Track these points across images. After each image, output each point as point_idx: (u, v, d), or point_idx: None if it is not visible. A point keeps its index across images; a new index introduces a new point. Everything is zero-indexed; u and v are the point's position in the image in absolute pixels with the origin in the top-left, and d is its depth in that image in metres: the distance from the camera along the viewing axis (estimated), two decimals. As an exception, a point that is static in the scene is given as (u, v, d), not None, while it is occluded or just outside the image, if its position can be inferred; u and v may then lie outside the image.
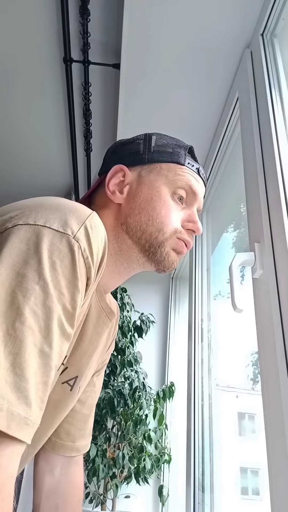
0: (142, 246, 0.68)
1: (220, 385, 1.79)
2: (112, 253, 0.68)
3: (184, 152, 0.73)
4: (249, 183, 1.14)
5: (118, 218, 0.69)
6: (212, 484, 1.55)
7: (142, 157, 0.71)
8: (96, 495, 2.04)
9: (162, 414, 2.30)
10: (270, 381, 0.81)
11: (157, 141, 0.73)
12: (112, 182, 0.70)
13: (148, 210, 0.67)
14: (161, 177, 0.70)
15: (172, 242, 0.68)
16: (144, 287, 2.93)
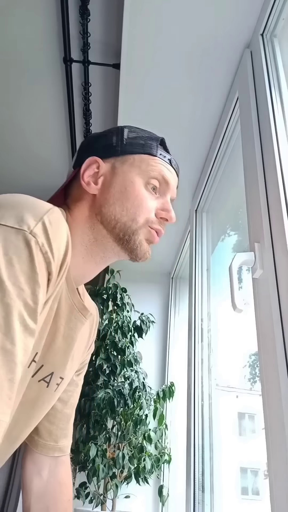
0: (117, 235, 0.70)
1: (220, 385, 1.79)
2: (87, 244, 0.70)
3: (156, 143, 0.76)
4: (249, 183, 1.14)
5: (93, 209, 0.71)
6: (212, 484, 1.55)
7: (115, 149, 0.73)
8: (96, 495, 2.04)
9: (162, 414, 2.30)
10: (270, 381, 0.81)
11: (129, 133, 0.75)
12: (87, 174, 0.72)
13: (122, 200, 0.70)
14: (134, 168, 0.72)
15: (144, 231, 0.71)
16: (144, 287, 2.93)
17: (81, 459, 2.02)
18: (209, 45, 1.44)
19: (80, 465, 2.04)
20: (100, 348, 2.29)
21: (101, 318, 2.43)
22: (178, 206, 2.39)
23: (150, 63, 1.53)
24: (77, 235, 0.70)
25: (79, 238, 0.70)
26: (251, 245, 0.98)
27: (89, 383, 2.26)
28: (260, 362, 0.87)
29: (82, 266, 0.70)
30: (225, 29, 1.38)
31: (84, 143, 0.80)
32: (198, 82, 1.58)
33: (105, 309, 2.49)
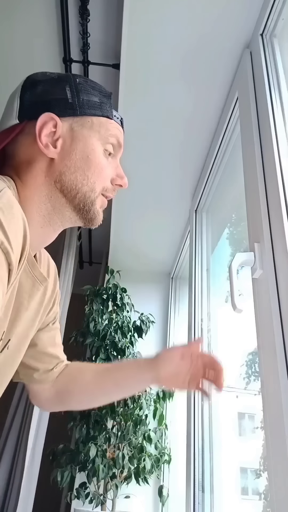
0: (76, 205, 0.67)
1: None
2: (45, 214, 0.66)
3: (109, 102, 0.73)
4: (249, 183, 1.14)
5: (50, 175, 0.66)
6: (212, 484, 1.55)
7: (72, 108, 0.67)
8: (96, 495, 2.04)
9: (162, 414, 2.30)
10: (270, 381, 0.81)
11: (82, 87, 0.69)
12: (44, 133, 0.65)
13: (84, 169, 0.67)
14: (94, 133, 0.69)
15: (100, 200, 0.70)
16: (144, 287, 2.93)
17: (81, 459, 2.02)
18: (208, 45, 1.44)
19: (80, 465, 2.04)
20: (100, 348, 2.29)
21: (101, 318, 2.43)
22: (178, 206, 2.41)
23: (150, 63, 1.53)
24: (33, 204, 0.65)
25: (35, 207, 0.65)
26: (250, 245, 0.98)
27: (89, 383, 2.26)
28: (259, 361, 0.87)
29: (40, 235, 0.68)
30: (225, 29, 1.38)
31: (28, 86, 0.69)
32: (198, 82, 1.58)
33: (105, 309, 2.49)
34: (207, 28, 1.40)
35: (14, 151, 0.68)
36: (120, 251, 2.80)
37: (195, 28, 1.40)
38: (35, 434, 2.14)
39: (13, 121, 0.66)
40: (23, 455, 2.05)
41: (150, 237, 2.58)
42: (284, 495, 0.69)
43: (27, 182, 0.65)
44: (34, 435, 2.13)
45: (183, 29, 1.41)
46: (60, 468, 2.03)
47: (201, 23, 1.39)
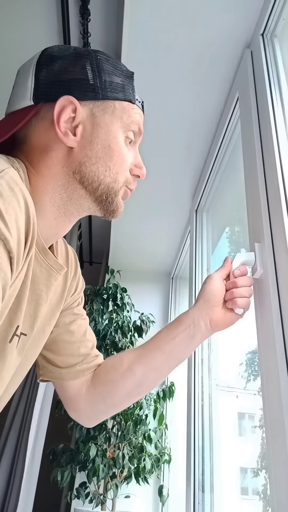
0: (98, 197, 0.63)
1: (220, 385, 1.79)
2: (60, 204, 0.62)
3: (131, 83, 0.66)
4: (249, 183, 1.14)
5: (68, 165, 0.61)
6: (212, 484, 1.55)
7: (94, 90, 0.61)
8: (96, 495, 2.04)
9: (162, 414, 2.31)
10: (270, 380, 0.81)
11: (104, 66, 0.62)
12: (63, 119, 0.59)
13: (105, 159, 0.62)
14: (116, 120, 0.63)
15: (123, 191, 0.66)
16: (144, 287, 2.93)
17: (81, 459, 2.03)
18: (209, 45, 1.44)
19: (80, 465, 2.04)
20: (100, 348, 2.29)
21: (101, 318, 2.43)
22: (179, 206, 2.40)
23: (150, 63, 1.53)
24: (46, 194, 0.60)
25: (48, 197, 0.61)
26: (251, 245, 0.98)
27: (89, 383, 2.26)
28: (260, 361, 0.87)
29: (55, 227, 0.63)
30: (225, 29, 1.38)
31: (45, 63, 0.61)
32: (198, 82, 1.58)
33: (105, 309, 2.49)
34: (208, 28, 1.40)
35: (27, 136, 0.62)
36: (121, 251, 2.80)
37: (195, 28, 1.40)
38: (35, 434, 2.14)
39: (27, 101, 0.60)
40: (23, 454, 2.05)
41: (150, 237, 2.58)
42: (284, 494, 0.69)
43: (41, 171, 0.60)
44: (34, 435, 2.13)
45: (183, 29, 1.41)
46: (60, 468, 2.03)
47: (201, 23, 1.39)
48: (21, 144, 0.62)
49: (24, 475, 2.00)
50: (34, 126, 0.61)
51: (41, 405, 2.22)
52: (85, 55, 0.62)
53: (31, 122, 0.61)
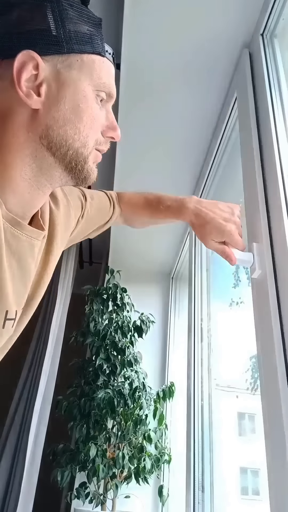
0: (68, 164, 0.57)
1: (220, 385, 1.79)
2: (31, 177, 0.56)
3: (99, 32, 0.59)
4: (247, 183, 1.14)
5: (34, 130, 0.54)
6: (212, 484, 1.55)
7: (58, 43, 0.53)
8: (96, 495, 2.04)
9: (162, 414, 2.31)
10: (269, 380, 0.81)
11: (68, 13, 0.54)
12: (24, 77, 0.52)
13: (74, 121, 0.55)
14: (85, 76, 0.56)
15: (93, 155, 0.60)
16: (144, 287, 2.93)
17: (81, 459, 2.02)
18: (208, 45, 1.44)
19: (80, 465, 2.04)
20: (100, 348, 2.29)
21: (101, 318, 2.43)
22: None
23: (149, 63, 1.53)
24: (15, 169, 0.54)
25: (18, 171, 0.54)
26: (249, 245, 0.98)
27: (89, 383, 2.26)
28: (258, 362, 0.87)
29: (28, 201, 0.58)
30: (225, 29, 1.38)
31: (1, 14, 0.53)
32: (197, 82, 1.58)
33: (105, 309, 2.49)
34: (207, 28, 1.40)
35: None
36: (120, 251, 2.80)
37: (195, 28, 1.40)
38: (35, 434, 2.14)
39: None
40: (23, 454, 2.05)
41: (150, 237, 2.58)
42: (283, 495, 0.69)
43: (6, 141, 0.53)
44: (34, 435, 2.13)
45: (183, 29, 1.41)
46: (60, 468, 2.03)
47: (201, 23, 1.39)
48: None
49: (24, 475, 2.01)
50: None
51: (41, 405, 2.22)
52: (46, 0, 0.54)
53: None
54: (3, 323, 0.55)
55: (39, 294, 0.67)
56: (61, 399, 2.26)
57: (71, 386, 2.32)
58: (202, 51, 1.46)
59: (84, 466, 2.02)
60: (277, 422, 0.74)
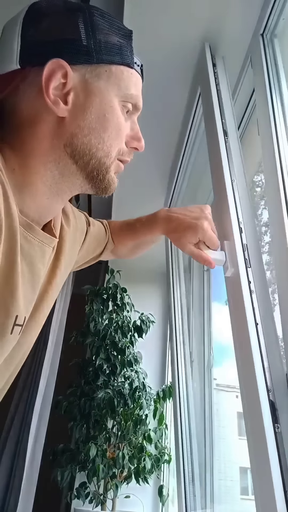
0: (89, 173, 0.58)
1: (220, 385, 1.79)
2: (52, 183, 0.57)
3: (129, 44, 0.59)
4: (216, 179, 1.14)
5: (59, 137, 0.55)
6: (212, 484, 1.55)
7: (88, 53, 0.54)
8: (96, 495, 2.04)
9: (162, 414, 2.31)
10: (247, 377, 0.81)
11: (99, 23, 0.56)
12: (52, 85, 0.53)
13: (99, 131, 0.56)
14: (112, 87, 0.57)
15: (115, 165, 0.61)
16: (144, 287, 2.93)
17: (81, 459, 2.03)
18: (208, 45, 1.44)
19: (80, 465, 2.04)
20: (100, 348, 2.29)
21: (101, 318, 2.43)
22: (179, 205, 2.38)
23: (149, 63, 1.53)
24: (37, 173, 0.55)
25: (40, 176, 0.55)
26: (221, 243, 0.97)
27: (89, 383, 2.26)
28: (236, 359, 0.88)
29: (48, 206, 0.58)
30: (225, 29, 1.38)
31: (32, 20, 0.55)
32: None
33: (105, 309, 2.49)
34: (207, 28, 1.40)
35: (15, 105, 0.55)
36: (120, 251, 2.80)
37: (195, 28, 1.40)
38: (35, 434, 2.14)
39: (13, 65, 0.53)
40: (23, 454, 2.05)
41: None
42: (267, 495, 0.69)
43: (30, 145, 0.55)
44: (34, 435, 2.13)
45: (183, 29, 1.41)
46: (60, 468, 2.03)
47: (201, 24, 1.39)
48: (10, 116, 0.56)
49: (24, 475, 2.00)
50: (22, 93, 0.55)
51: (41, 405, 2.22)
52: (78, 10, 0.55)
53: (19, 88, 0.55)
54: (12, 328, 0.54)
55: (43, 306, 0.66)
56: (61, 399, 2.26)
57: (71, 386, 2.33)
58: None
59: (84, 466, 2.02)
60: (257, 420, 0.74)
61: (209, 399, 1.68)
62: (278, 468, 0.68)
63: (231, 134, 1.18)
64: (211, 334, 1.81)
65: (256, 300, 0.86)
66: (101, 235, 0.92)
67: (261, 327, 0.83)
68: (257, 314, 0.85)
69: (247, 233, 0.95)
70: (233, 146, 1.15)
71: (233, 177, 1.08)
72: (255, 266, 0.90)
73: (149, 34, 1.43)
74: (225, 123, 1.21)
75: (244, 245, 0.93)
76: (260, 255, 0.95)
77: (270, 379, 0.78)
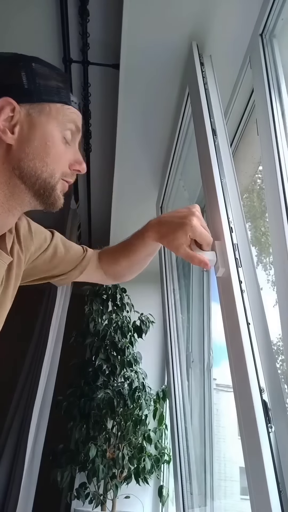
0: (36, 191, 0.68)
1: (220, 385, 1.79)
2: (3, 200, 0.67)
3: (66, 86, 0.72)
4: (205, 177, 1.14)
5: (9, 162, 0.66)
6: (212, 484, 1.55)
7: (30, 94, 0.68)
8: (96, 496, 2.04)
9: (161, 414, 2.31)
10: (239, 376, 0.82)
11: (39, 71, 0.69)
12: (2, 118, 0.65)
13: (42, 156, 0.67)
14: (52, 120, 0.69)
15: (60, 185, 0.71)
16: (143, 287, 2.93)
17: (81, 460, 2.03)
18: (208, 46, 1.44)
19: (80, 465, 2.04)
20: (99, 348, 2.29)
21: (100, 318, 2.43)
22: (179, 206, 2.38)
23: (149, 63, 1.54)
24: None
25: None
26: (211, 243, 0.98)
27: (89, 384, 2.26)
28: (229, 357, 0.89)
29: None
30: (225, 29, 1.38)
31: None
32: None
33: (105, 309, 2.49)
34: (207, 28, 1.40)
35: None
36: (120, 251, 2.80)
37: (194, 28, 1.40)
38: (35, 434, 2.14)
39: None
40: (23, 455, 2.05)
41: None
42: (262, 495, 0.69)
43: None
44: (34, 435, 2.13)
45: (182, 29, 1.41)
46: (60, 468, 2.03)
47: (200, 23, 1.39)
48: None
49: (24, 476, 2.00)
50: None
51: (41, 405, 2.22)
52: (19, 62, 0.69)
53: None
54: None
55: None
56: (61, 399, 2.26)
57: (70, 387, 2.32)
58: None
59: (84, 466, 2.02)
60: (251, 421, 0.74)
61: (209, 399, 1.68)
62: (272, 468, 0.68)
63: (220, 133, 1.18)
64: (210, 334, 1.81)
65: (247, 300, 0.87)
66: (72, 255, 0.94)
67: (253, 326, 0.84)
68: (248, 313, 0.85)
69: (238, 232, 0.96)
70: (222, 145, 1.16)
71: (222, 176, 1.08)
72: (246, 265, 0.90)
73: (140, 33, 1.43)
74: (214, 122, 1.21)
75: (234, 245, 0.94)
76: (251, 254, 0.95)
77: (263, 379, 0.78)
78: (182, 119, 1.63)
